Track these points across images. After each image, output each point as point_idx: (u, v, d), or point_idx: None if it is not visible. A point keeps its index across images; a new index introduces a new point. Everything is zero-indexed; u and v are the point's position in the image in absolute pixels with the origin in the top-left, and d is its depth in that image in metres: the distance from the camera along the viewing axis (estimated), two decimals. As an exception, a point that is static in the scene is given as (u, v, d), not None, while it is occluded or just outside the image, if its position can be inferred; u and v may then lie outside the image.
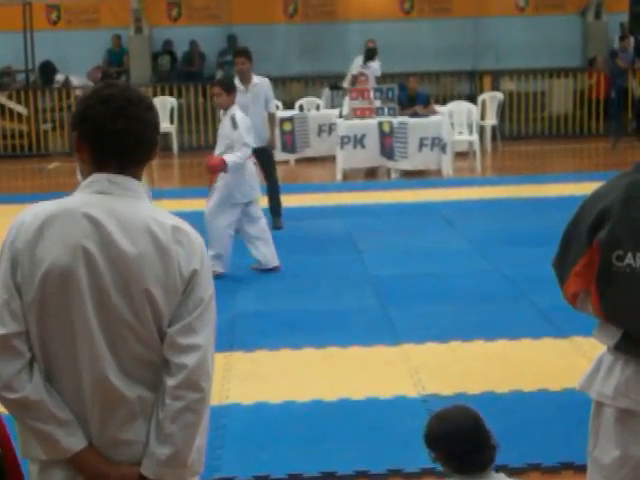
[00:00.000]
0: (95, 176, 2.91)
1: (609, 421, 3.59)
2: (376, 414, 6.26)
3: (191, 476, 2.97)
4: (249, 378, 6.92)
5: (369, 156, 15.90)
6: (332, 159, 16.39)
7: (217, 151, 9.77)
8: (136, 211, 2.88)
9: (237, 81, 11.56)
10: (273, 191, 12.08)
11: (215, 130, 19.61)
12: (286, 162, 17.38)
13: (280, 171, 17.06)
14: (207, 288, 2.93)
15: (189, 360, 2.85)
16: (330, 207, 13.23)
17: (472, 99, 18.64)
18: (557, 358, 7.04)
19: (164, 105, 19.21)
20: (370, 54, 18.38)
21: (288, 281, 9.61)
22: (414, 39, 20.60)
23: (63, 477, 2.91)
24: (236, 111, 9.77)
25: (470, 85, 20.97)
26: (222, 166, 9.46)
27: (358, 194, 14.34)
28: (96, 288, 2.82)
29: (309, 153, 17.75)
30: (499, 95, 19.25)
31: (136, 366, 2.88)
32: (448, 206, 12.85)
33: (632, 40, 20.56)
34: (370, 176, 16.46)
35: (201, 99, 20.14)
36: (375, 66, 18.28)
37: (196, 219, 2.99)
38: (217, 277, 7.74)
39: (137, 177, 2.96)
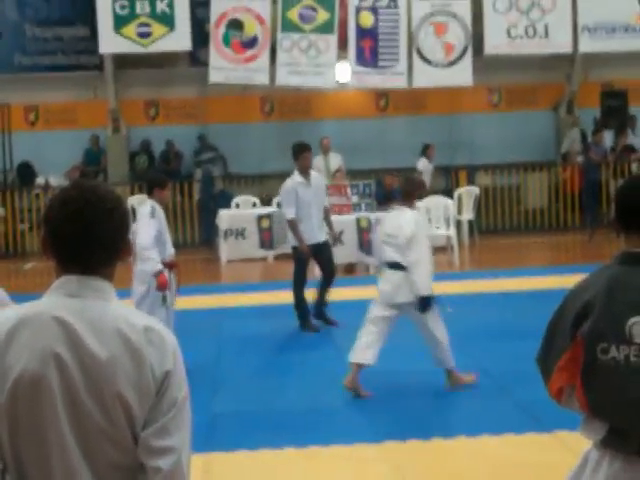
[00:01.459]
0: (64, 278, 2.87)
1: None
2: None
3: None
4: (230, 480, 6.84)
5: (348, 252, 15.94)
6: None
7: None
8: (106, 313, 2.83)
9: (298, 176, 11.81)
10: (331, 284, 12.22)
11: (193, 226, 19.85)
12: (264, 259, 17.43)
13: (259, 268, 17.19)
14: (180, 389, 2.87)
15: (164, 463, 2.78)
16: (309, 303, 13.18)
17: (448, 194, 18.78)
18: (542, 454, 6.98)
19: (142, 204, 19.25)
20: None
21: (268, 379, 9.54)
22: (390, 136, 20.84)
23: None
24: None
25: (446, 180, 21.15)
26: None
27: (337, 290, 14.31)
28: (68, 394, 2.76)
29: (287, 249, 17.73)
30: (475, 190, 19.42)
31: (111, 473, 2.81)
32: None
33: (607, 133, 20.85)
34: (349, 272, 16.47)
35: (178, 197, 20.21)
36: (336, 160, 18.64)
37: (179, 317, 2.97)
38: (196, 376, 7.65)
39: (107, 277, 2.91)
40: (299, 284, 12.02)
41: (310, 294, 12.03)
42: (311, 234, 11.83)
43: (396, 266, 8.85)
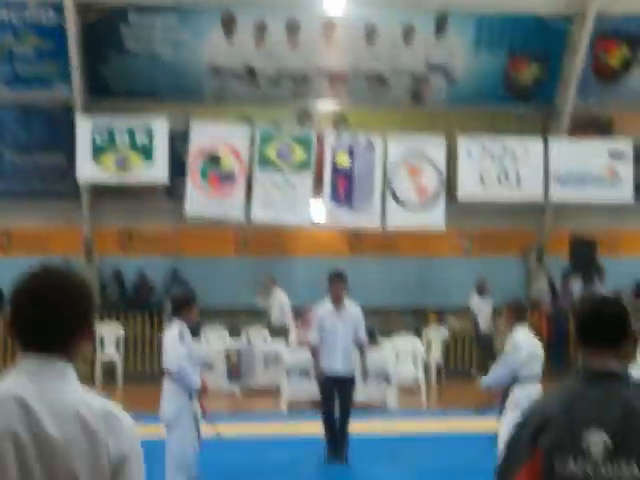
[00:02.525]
0: (26, 359, 2.90)
1: None
2: None
3: None
4: None
5: (315, 387, 15.83)
6: (278, 390, 16.34)
7: None
8: (65, 395, 2.85)
9: (329, 303, 11.92)
10: (346, 421, 11.88)
11: (161, 358, 19.69)
12: (232, 393, 17.35)
13: (226, 401, 17.05)
14: (137, 472, 2.88)
15: None
16: (275, 437, 13.09)
17: (417, 334, 18.83)
18: None
19: (110, 333, 19.26)
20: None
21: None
22: (362, 275, 20.98)
23: None
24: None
25: (415, 321, 21.23)
26: None
27: (303, 425, 14.22)
28: (25, 473, 2.75)
29: (255, 384, 17.71)
30: (444, 332, 19.49)
31: None
32: (393, 440, 12.77)
33: (576, 282, 21.05)
34: (316, 407, 16.33)
35: (148, 328, 20.19)
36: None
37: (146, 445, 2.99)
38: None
39: (68, 358, 2.93)
40: (325, 415, 11.94)
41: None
42: (332, 364, 11.79)
43: None
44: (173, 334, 9.69)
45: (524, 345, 9.68)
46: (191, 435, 9.73)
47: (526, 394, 9.01)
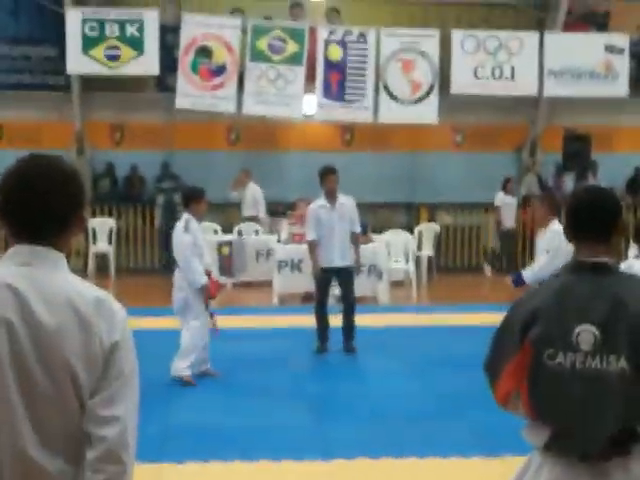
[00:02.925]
0: (17, 247, 2.93)
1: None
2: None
3: None
4: (178, 490, 6.80)
5: (306, 281, 15.94)
6: (269, 284, 16.45)
7: None
8: (57, 282, 2.89)
9: (323, 199, 11.93)
10: (349, 312, 12.08)
11: (153, 251, 19.83)
12: (223, 286, 17.41)
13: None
14: (128, 361, 2.93)
15: (109, 432, 2.83)
16: (266, 329, 13.21)
17: (409, 230, 18.88)
18: (488, 477, 7.01)
19: (103, 226, 19.31)
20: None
21: (222, 396, 9.55)
22: (353, 170, 20.92)
23: None
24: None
25: (407, 217, 21.27)
26: None
27: (294, 317, 14.34)
28: (17, 360, 2.80)
29: (247, 277, 17.81)
30: (435, 227, 19.55)
31: (58, 439, 2.85)
32: (384, 332, 12.90)
33: (569, 177, 21.05)
34: (307, 300, 16.48)
35: (140, 221, 20.22)
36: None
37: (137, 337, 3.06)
38: (152, 390, 7.64)
39: (58, 247, 2.97)
40: (317, 306, 12.13)
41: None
42: (330, 258, 11.90)
43: None
44: (180, 225, 10.10)
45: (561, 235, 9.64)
46: (202, 322, 10.18)
47: None
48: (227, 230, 19.08)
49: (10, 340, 2.80)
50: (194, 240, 10.04)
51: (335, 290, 13.20)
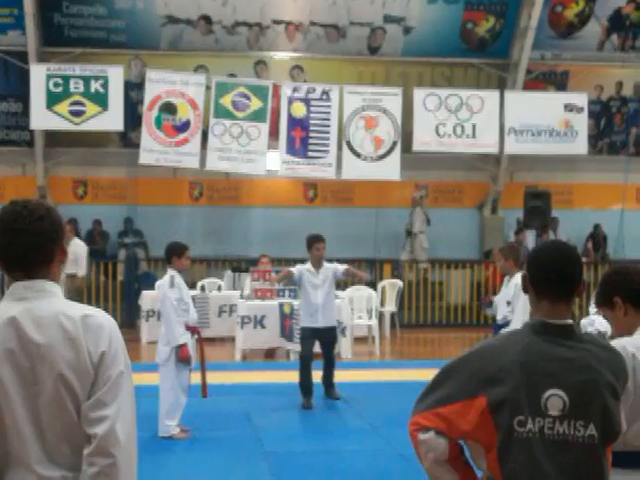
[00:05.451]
0: (13, 285, 3.36)
1: None
2: None
3: None
4: None
5: (269, 337, 15.93)
6: (232, 340, 16.41)
7: None
8: (49, 309, 3.29)
9: (309, 264, 12.37)
10: (330, 365, 12.54)
11: (116, 306, 19.70)
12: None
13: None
14: (116, 366, 3.30)
15: (99, 430, 3.22)
16: (228, 386, 13.14)
17: (372, 286, 18.93)
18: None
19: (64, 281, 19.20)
20: None
21: (182, 454, 9.47)
22: (316, 226, 21.01)
23: None
24: None
25: (371, 272, 21.32)
26: None
27: (256, 374, 14.30)
28: (20, 381, 3.23)
29: (209, 333, 17.73)
30: (399, 283, 19.62)
31: (60, 450, 3.26)
32: (346, 387, 12.86)
33: (530, 233, 21.19)
34: (269, 356, 16.45)
35: (102, 277, 20.13)
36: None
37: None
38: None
39: (49, 278, 3.39)
40: (302, 362, 12.32)
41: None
42: (312, 317, 12.27)
43: None
44: (165, 280, 10.20)
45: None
46: (180, 378, 10.16)
47: None
48: (190, 285, 19.00)
49: (13, 366, 3.22)
50: (180, 295, 10.09)
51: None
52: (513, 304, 10.34)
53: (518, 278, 9.97)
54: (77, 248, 18.46)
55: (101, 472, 3.22)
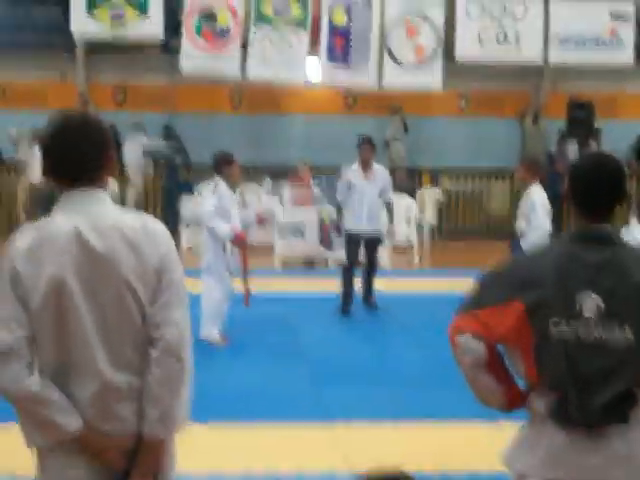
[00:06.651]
0: (66, 194, 3.46)
1: (535, 494, 3.56)
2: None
3: (179, 429, 3.52)
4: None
5: (307, 246, 15.99)
6: (271, 248, 16.46)
7: None
8: (106, 216, 3.42)
9: (356, 165, 12.34)
10: (371, 273, 12.62)
11: (156, 212, 19.79)
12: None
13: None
14: (176, 270, 3.45)
15: (167, 332, 3.37)
16: (269, 294, 13.23)
17: (411, 195, 18.88)
18: (485, 442, 7.06)
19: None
20: None
21: (223, 358, 9.61)
22: (356, 134, 20.97)
23: (64, 459, 3.39)
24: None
25: (410, 181, 21.24)
26: None
27: (297, 281, 14.39)
28: (85, 287, 3.33)
29: (248, 240, 17.79)
30: (438, 192, 19.55)
31: (126, 356, 3.38)
32: (386, 297, 12.92)
33: (572, 144, 20.99)
34: (308, 265, 16.51)
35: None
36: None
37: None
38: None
39: (100, 186, 3.49)
40: (344, 268, 12.51)
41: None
42: (357, 222, 12.29)
43: None
44: (208, 187, 10.49)
45: (540, 204, 10.21)
46: (222, 285, 10.27)
47: None
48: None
49: (77, 272, 3.32)
50: (220, 203, 10.14)
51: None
52: (528, 218, 10.43)
53: (534, 192, 10.18)
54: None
55: (172, 373, 3.39)
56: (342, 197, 12.44)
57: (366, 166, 12.33)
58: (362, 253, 12.64)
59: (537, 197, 10.54)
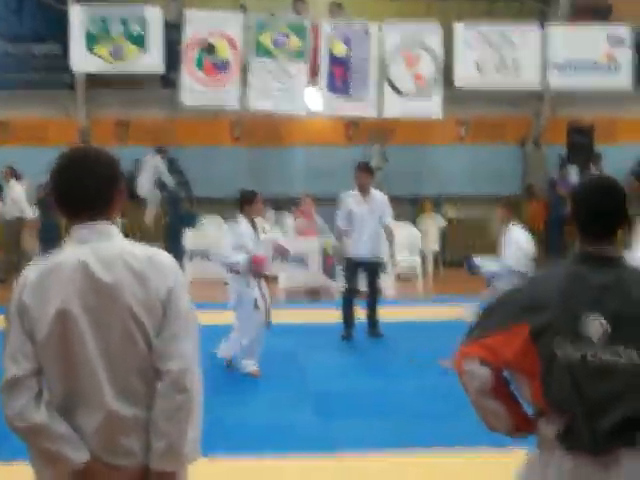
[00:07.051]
0: (75, 229, 3.48)
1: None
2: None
3: (188, 464, 3.48)
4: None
5: (311, 276, 15.99)
6: (275, 279, 16.45)
7: None
8: (112, 248, 3.42)
9: (355, 191, 12.39)
10: (374, 301, 12.67)
11: (160, 248, 19.70)
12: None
13: (223, 290, 17.13)
14: (182, 301, 3.44)
15: (174, 365, 3.35)
16: (273, 325, 13.19)
17: (414, 223, 18.90)
18: (494, 469, 7.02)
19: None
20: None
21: (229, 394, 9.56)
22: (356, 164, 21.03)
23: None
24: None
25: (412, 210, 21.27)
26: None
27: (300, 313, 14.37)
28: (91, 319, 3.33)
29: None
30: (441, 220, 19.56)
31: (131, 385, 3.37)
32: (390, 326, 12.89)
33: (573, 169, 21.03)
34: (313, 295, 16.50)
35: (142, 217, 20.23)
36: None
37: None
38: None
39: (109, 219, 3.51)
40: (345, 294, 12.62)
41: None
42: (357, 248, 12.32)
43: None
44: (227, 227, 10.82)
45: (520, 242, 10.20)
46: (253, 318, 10.41)
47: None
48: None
49: (82, 305, 3.33)
50: (237, 242, 10.30)
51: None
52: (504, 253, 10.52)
53: (514, 230, 10.23)
54: (17, 190, 18.60)
55: (177, 406, 3.34)
56: (343, 223, 12.45)
57: (364, 192, 12.35)
58: (363, 281, 12.65)
59: (518, 236, 10.55)
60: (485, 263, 10.67)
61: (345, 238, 12.50)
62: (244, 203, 10.49)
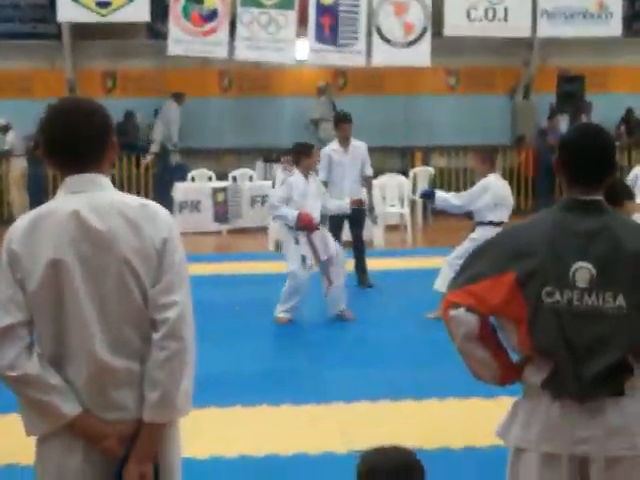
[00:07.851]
0: (67, 179, 3.43)
1: (531, 467, 3.56)
2: (304, 470, 6.24)
3: (179, 416, 3.43)
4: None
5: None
6: (264, 230, 16.46)
7: None
8: (106, 199, 3.39)
9: (336, 143, 12.41)
10: (361, 250, 12.74)
11: (148, 198, 19.67)
12: (219, 232, 17.52)
13: (213, 241, 17.20)
14: (177, 252, 3.40)
15: (170, 314, 3.31)
16: (262, 275, 13.23)
17: (404, 174, 18.87)
18: (483, 417, 7.07)
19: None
20: None
21: (220, 342, 9.57)
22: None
23: (62, 446, 3.35)
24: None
25: (402, 160, 21.24)
26: None
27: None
28: (86, 269, 3.30)
29: (242, 224, 17.85)
30: (430, 170, 19.54)
31: (125, 336, 3.34)
32: (379, 276, 12.92)
33: (563, 118, 20.99)
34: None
35: (134, 170, 20.14)
36: None
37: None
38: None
39: (102, 172, 3.46)
40: None
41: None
42: (339, 198, 12.02)
43: None
44: (280, 179, 11.10)
45: (492, 189, 10.14)
46: (296, 267, 10.40)
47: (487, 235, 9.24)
48: (221, 177, 19.05)
49: (76, 254, 3.29)
50: (288, 194, 10.35)
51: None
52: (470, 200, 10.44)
53: (489, 182, 10.28)
54: None
55: (173, 355, 3.30)
56: (324, 175, 12.31)
57: (346, 143, 12.36)
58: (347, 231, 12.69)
59: (491, 181, 10.48)
60: (441, 195, 10.63)
61: (327, 189, 12.44)
62: (302, 155, 10.47)
